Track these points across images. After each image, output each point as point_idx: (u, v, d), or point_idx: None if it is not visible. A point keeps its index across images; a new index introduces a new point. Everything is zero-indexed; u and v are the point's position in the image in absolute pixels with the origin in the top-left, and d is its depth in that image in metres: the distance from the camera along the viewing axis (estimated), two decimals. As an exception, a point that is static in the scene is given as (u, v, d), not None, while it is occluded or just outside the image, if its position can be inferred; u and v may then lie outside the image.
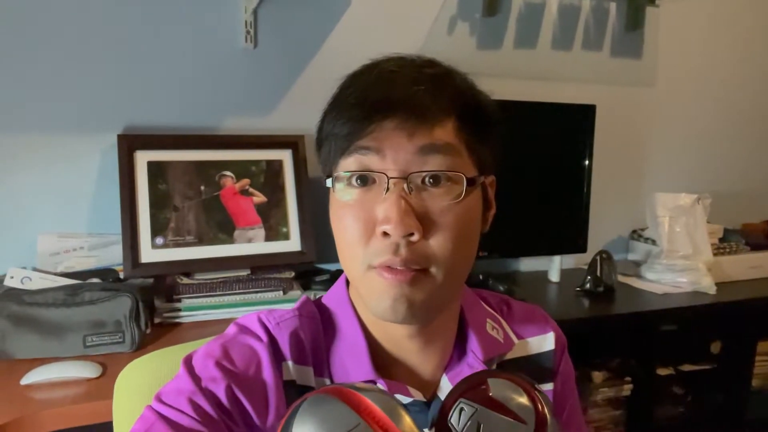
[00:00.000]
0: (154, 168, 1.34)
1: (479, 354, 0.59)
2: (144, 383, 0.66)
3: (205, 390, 0.52)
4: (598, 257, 1.68)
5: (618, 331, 1.67)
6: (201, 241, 1.35)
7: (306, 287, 1.44)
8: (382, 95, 0.52)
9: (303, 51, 1.57)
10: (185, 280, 1.31)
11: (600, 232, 1.93)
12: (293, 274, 1.41)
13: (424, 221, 0.51)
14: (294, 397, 0.40)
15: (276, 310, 0.61)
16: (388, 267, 0.51)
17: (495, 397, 0.46)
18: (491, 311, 0.67)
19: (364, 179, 0.53)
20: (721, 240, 1.91)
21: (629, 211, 2.01)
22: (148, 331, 1.16)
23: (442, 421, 0.46)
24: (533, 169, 1.69)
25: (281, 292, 1.36)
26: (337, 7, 1.58)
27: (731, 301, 1.68)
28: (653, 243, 1.86)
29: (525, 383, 0.47)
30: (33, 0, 1.31)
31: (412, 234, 0.50)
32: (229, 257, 1.36)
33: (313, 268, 1.52)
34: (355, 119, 0.52)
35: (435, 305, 0.54)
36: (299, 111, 1.55)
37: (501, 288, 1.57)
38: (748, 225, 2.11)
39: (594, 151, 1.74)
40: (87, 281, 1.21)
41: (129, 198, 1.30)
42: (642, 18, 1.88)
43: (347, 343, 0.58)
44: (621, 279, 1.77)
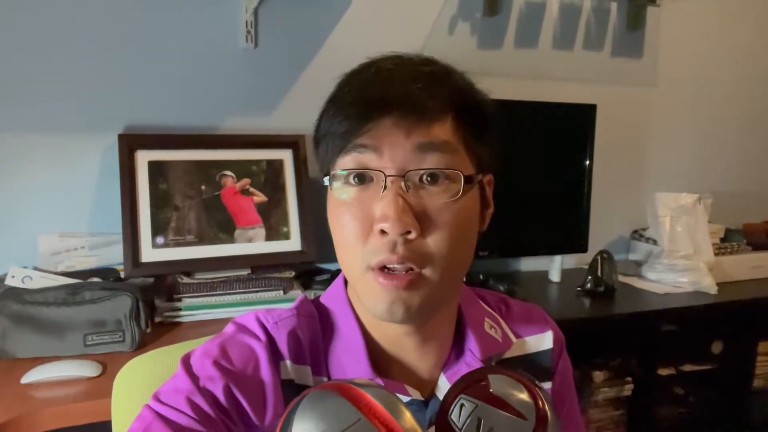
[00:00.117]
0: (154, 167, 1.35)
1: (477, 353, 0.59)
2: (143, 382, 0.66)
3: (203, 389, 0.52)
4: (598, 257, 1.68)
5: (619, 331, 1.67)
6: (201, 241, 1.35)
7: (306, 287, 1.44)
8: (379, 93, 0.52)
9: (303, 51, 1.57)
10: (186, 279, 1.31)
11: (601, 231, 1.93)
12: (293, 273, 1.41)
13: (421, 219, 0.51)
14: (292, 397, 0.40)
15: (274, 309, 0.60)
16: (384, 271, 0.51)
17: (495, 393, 0.46)
18: (489, 310, 0.66)
19: (361, 177, 0.52)
20: (723, 240, 1.91)
21: (630, 211, 2.01)
22: (148, 331, 1.16)
23: (442, 417, 0.46)
24: (534, 169, 1.69)
25: (281, 291, 1.36)
26: (338, 7, 1.58)
27: (732, 301, 1.67)
28: (654, 243, 1.85)
29: (525, 379, 0.47)
30: (33, 0, 1.32)
31: (409, 232, 0.50)
32: (230, 257, 1.36)
33: (314, 267, 1.52)
34: (353, 117, 0.52)
35: (432, 305, 0.54)
36: (300, 111, 1.55)
37: (501, 288, 1.57)
38: (749, 225, 2.11)
39: (595, 151, 1.73)
40: (87, 280, 1.21)
41: (130, 197, 1.30)
42: (643, 18, 1.88)
43: (345, 343, 0.58)
44: (622, 279, 1.76)
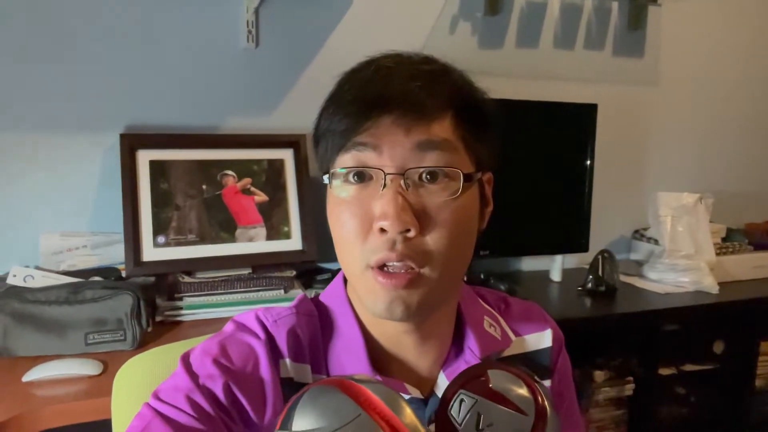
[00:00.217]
0: (156, 167, 1.35)
1: (476, 351, 0.59)
2: (142, 380, 0.66)
3: (203, 387, 0.52)
4: (599, 257, 1.68)
5: (620, 331, 1.67)
6: (202, 240, 1.35)
7: (307, 286, 1.44)
8: (378, 91, 0.52)
9: (304, 50, 1.57)
10: (187, 278, 1.31)
11: (602, 231, 1.93)
12: (294, 273, 1.41)
13: (420, 217, 0.51)
14: (291, 395, 0.40)
15: (274, 307, 0.61)
16: (383, 271, 0.51)
17: (495, 389, 0.46)
18: (489, 308, 0.66)
19: (361, 176, 0.52)
20: (724, 240, 1.91)
21: (631, 211, 2.01)
22: (149, 329, 1.16)
23: (442, 412, 0.46)
24: (535, 169, 1.69)
25: (282, 290, 1.36)
26: (339, 7, 1.58)
27: (734, 301, 1.67)
28: (655, 242, 1.85)
29: (525, 375, 0.47)
30: (34, 1, 1.32)
31: (408, 230, 0.50)
32: (231, 256, 1.36)
33: (315, 267, 1.52)
34: (352, 115, 0.52)
35: (432, 303, 0.54)
36: (301, 110, 1.55)
37: (502, 287, 1.56)
38: (751, 225, 2.11)
39: (596, 151, 1.74)
40: (89, 279, 1.21)
41: (131, 197, 1.30)
42: (644, 17, 1.88)
43: (344, 341, 0.58)
44: (623, 278, 1.76)
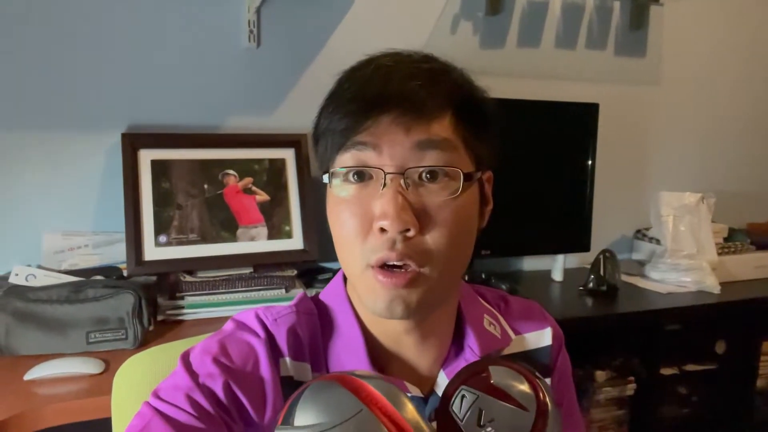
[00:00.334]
0: (157, 166, 1.35)
1: (476, 349, 0.59)
2: (142, 379, 0.67)
3: (203, 386, 0.52)
4: (601, 256, 1.68)
5: (621, 331, 1.66)
6: (204, 239, 1.36)
7: (308, 285, 1.44)
8: (378, 90, 0.52)
9: (306, 50, 1.57)
10: (188, 277, 1.31)
11: (603, 231, 1.92)
12: (296, 272, 1.42)
13: (420, 217, 0.51)
14: (291, 394, 0.40)
15: (273, 306, 0.61)
16: (383, 269, 0.51)
17: (496, 385, 0.46)
18: (488, 307, 0.66)
19: (360, 175, 0.52)
20: (726, 239, 1.90)
21: (633, 210, 2.01)
22: (150, 328, 1.17)
23: (443, 408, 0.46)
24: (536, 168, 1.69)
25: (284, 290, 1.36)
26: (340, 7, 1.59)
27: (736, 301, 1.67)
28: (657, 242, 1.85)
29: (526, 371, 0.48)
30: (34, 1, 1.32)
31: (408, 230, 0.50)
32: (232, 255, 1.36)
33: (316, 266, 1.52)
34: (352, 114, 0.52)
35: (432, 302, 0.54)
36: (302, 110, 1.54)
37: (504, 287, 1.56)
38: (753, 224, 2.10)
39: (597, 150, 1.73)
40: (91, 278, 1.21)
41: (132, 196, 1.31)
42: (646, 17, 1.88)
43: (344, 340, 0.58)
44: (625, 278, 1.76)
